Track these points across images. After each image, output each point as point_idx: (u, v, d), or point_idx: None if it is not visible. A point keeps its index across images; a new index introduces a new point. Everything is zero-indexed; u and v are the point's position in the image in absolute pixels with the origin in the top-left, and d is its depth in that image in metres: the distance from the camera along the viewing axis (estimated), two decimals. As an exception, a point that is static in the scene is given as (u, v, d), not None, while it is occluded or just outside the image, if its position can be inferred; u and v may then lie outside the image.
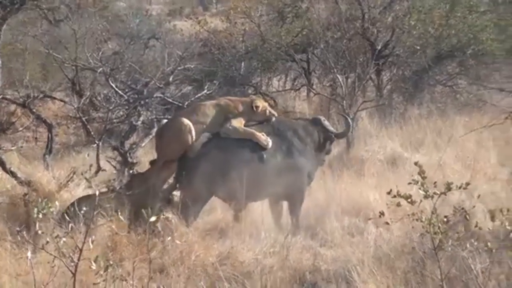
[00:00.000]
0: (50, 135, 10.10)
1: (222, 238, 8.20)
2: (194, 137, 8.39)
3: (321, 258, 7.53)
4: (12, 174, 9.22)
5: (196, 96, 11.35)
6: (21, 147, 11.18)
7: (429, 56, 15.44)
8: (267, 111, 8.82)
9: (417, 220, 5.72)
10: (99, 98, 11.66)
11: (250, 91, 16.14)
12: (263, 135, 8.56)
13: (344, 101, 12.22)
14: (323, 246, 8.08)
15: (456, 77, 16.19)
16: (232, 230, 8.31)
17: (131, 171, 9.58)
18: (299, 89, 16.25)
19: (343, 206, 9.00)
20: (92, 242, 4.98)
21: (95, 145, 9.30)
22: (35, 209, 4.78)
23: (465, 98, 15.73)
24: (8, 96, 12.25)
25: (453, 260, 6.08)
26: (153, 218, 5.07)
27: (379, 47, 14.73)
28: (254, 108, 8.70)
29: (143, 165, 10.34)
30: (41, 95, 13.32)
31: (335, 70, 13.16)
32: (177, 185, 8.65)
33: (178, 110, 9.29)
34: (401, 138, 12.72)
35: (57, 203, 4.97)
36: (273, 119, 8.86)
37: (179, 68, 10.96)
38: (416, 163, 5.75)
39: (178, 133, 8.38)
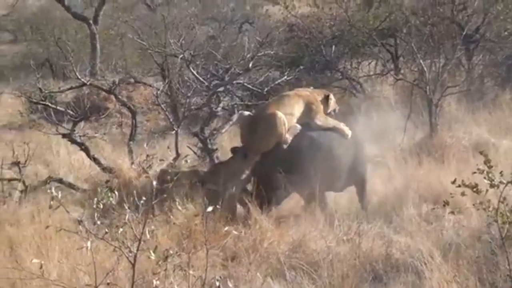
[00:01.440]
0: (134, 122, 10.31)
1: (296, 225, 8.20)
2: (287, 130, 8.47)
3: (394, 246, 7.45)
4: (95, 161, 9.51)
5: (276, 82, 11.40)
6: (104, 134, 11.45)
7: (523, 40, 15.00)
8: (335, 104, 9.08)
9: (484, 209, 5.60)
10: (177, 85, 11.78)
11: (336, 76, 16.02)
12: (344, 125, 8.70)
13: (428, 87, 11.99)
14: (397, 233, 7.97)
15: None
16: (306, 217, 8.32)
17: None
18: (386, 74, 16.02)
19: (421, 193, 8.91)
20: (152, 232, 5.07)
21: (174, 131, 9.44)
22: (95, 200, 4.90)
23: None
24: (98, 82, 12.51)
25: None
26: (209, 209, 5.11)
27: (467, 32, 14.31)
28: (329, 100, 8.90)
29: (224, 151, 10.51)
30: (130, 81, 13.63)
31: (418, 56, 12.90)
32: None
33: (264, 103, 9.36)
34: (489, 124, 12.43)
35: (116, 192, 5.01)
36: (337, 110, 9.13)
37: (259, 54, 10.97)
38: (481, 152, 5.62)
39: (274, 126, 8.43)
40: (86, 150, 9.58)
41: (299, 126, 8.58)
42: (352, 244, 7.39)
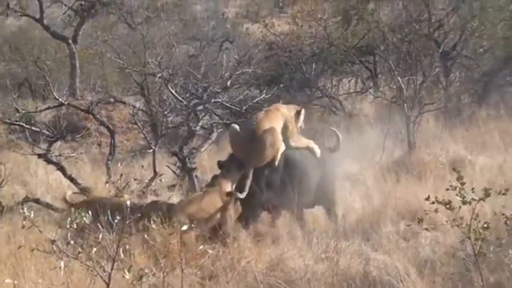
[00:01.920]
0: (112, 141, 10.28)
1: (274, 243, 8.18)
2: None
3: (371, 264, 7.44)
4: (72, 181, 9.47)
5: (255, 101, 11.42)
6: (81, 153, 11.39)
7: (498, 57, 15.14)
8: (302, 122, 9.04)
9: (457, 226, 5.64)
10: (153, 103, 11.74)
11: (316, 94, 16.12)
12: (314, 143, 8.76)
13: (405, 104, 12.08)
14: (375, 251, 7.97)
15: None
16: (284, 235, 8.31)
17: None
18: (366, 92, 16.12)
19: (399, 210, 8.90)
20: (127, 251, 5.07)
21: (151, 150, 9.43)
22: (68, 219, 4.89)
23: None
24: (77, 101, 12.51)
25: (499, 266, 5.96)
26: (184, 227, 5.11)
27: (444, 49, 14.48)
28: (300, 115, 8.93)
29: (203, 170, 10.50)
30: (109, 100, 13.61)
31: (396, 73, 13.00)
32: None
33: (252, 118, 9.29)
34: (466, 141, 12.51)
35: (90, 212, 4.99)
36: (303, 126, 9.11)
37: (236, 72, 11.01)
38: (454, 169, 5.65)
39: (275, 141, 8.39)
40: (62, 169, 9.54)
41: (284, 145, 8.55)
42: (330, 262, 7.38)
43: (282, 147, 8.50)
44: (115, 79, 18.89)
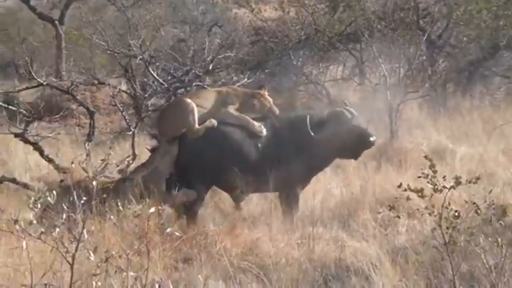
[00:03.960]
0: (92, 122, 10.17)
1: (251, 228, 8.12)
2: (196, 119, 8.25)
3: (347, 250, 7.42)
4: (50, 161, 9.38)
5: (237, 85, 11.34)
6: (59, 133, 11.24)
7: (484, 47, 15.14)
8: (267, 107, 8.63)
9: (429, 214, 5.63)
10: (137, 86, 11.59)
11: (302, 80, 16.09)
12: (257, 123, 8.43)
13: (388, 92, 12.04)
14: (353, 238, 7.95)
15: (513, 69, 15.77)
16: (261, 220, 8.28)
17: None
18: (350, 79, 16.09)
19: (378, 198, 8.87)
20: (92, 232, 5.02)
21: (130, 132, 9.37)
22: (32, 199, 4.82)
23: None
24: (59, 82, 12.41)
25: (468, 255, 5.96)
26: (152, 210, 5.07)
27: (430, 37, 14.46)
28: (255, 101, 8.59)
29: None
30: (93, 82, 13.51)
31: (380, 60, 12.95)
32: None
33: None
34: (449, 130, 12.51)
35: (54, 192, 4.92)
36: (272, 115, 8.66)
37: (219, 56, 10.95)
38: (426, 157, 5.61)
39: (180, 111, 8.20)
40: (39, 149, 9.43)
41: (214, 121, 8.29)
42: (306, 248, 7.37)
43: (210, 123, 8.23)
44: (102, 61, 18.79)
